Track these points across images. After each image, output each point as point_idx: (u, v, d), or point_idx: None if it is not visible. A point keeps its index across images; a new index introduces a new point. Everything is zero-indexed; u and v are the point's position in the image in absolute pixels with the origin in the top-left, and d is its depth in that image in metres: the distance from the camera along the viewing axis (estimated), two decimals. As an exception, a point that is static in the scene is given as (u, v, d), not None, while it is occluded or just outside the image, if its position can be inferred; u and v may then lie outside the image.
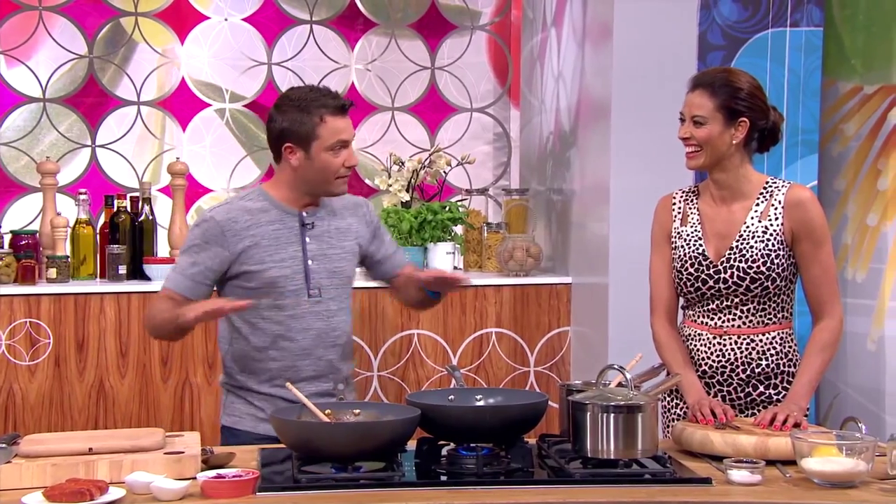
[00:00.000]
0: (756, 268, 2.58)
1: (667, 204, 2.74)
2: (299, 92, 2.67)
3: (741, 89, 2.56)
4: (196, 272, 2.64)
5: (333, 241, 2.71)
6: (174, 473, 2.12)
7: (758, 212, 2.62)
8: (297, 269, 2.66)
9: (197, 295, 2.63)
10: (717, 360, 2.64)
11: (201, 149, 4.36)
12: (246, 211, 2.67)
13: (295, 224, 2.67)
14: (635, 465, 2.22)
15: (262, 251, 2.64)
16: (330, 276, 2.69)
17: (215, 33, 4.36)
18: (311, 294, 2.66)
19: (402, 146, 4.43)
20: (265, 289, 2.64)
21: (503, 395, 2.50)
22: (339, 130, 2.61)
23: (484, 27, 4.55)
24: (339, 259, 2.71)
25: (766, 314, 2.62)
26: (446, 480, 2.19)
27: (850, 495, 2.08)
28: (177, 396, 3.74)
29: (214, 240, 2.63)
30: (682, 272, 2.65)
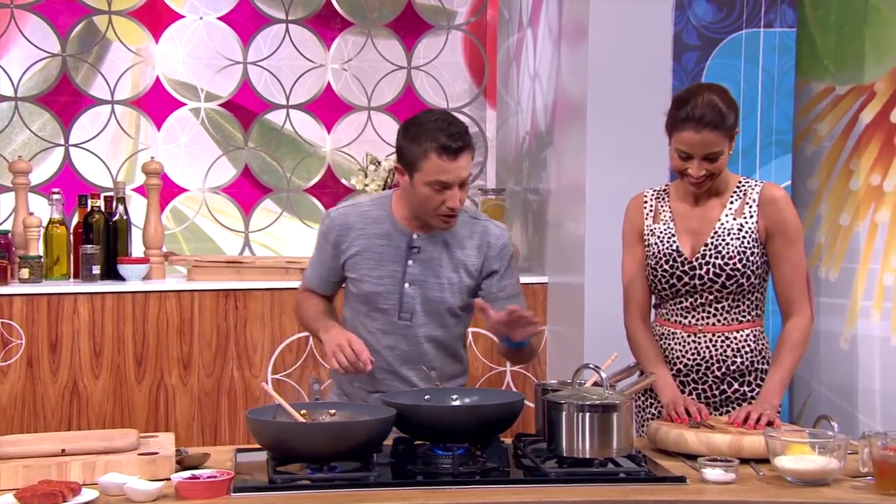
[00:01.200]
0: (732, 265, 2.59)
1: (638, 203, 2.75)
2: (424, 117, 2.58)
3: (729, 114, 2.56)
4: (322, 269, 2.74)
5: (440, 269, 2.63)
6: (148, 474, 2.11)
7: (732, 209, 2.63)
8: (392, 290, 2.63)
9: (325, 290, 2.75)
10: (691, 358, 2.65)
11: (176, 148, 4.34)
12: (363, 217, 2.66)
13: (402, 244, 2.63)
14: (610, 464, 2.23)
15: (364, 263, 2.65)
16: (426, 303, 2.63)
17: (190, 32, 4.33)
18: (402, 317, 2.63)
19: (379, 146, 4.43)
20: (362, 298, 2.67)
21: (479, 394, 2.49)
22: (440, 171, 2.50)
23: (460, 27, 4.55)
24: (440, 289, 2.63)
25: (741, 312, 2.64)
26: (422, 480, 2.18)
27: (822, 493, 2.10)
28: (151, 397, 3.72)
29: (330, 239, 2.69)
30: (657, 269, 2.66)
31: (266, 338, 3.80)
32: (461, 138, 2.51)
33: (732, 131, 2.56)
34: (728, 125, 2.54)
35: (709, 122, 2.52)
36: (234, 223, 4.41)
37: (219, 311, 3.77)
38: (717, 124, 2.52)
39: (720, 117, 2.53)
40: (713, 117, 2.52)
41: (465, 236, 2.67)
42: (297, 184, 4.45)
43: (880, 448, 2.09)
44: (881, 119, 3.60)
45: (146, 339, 3.71)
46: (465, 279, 2.66)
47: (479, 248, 2.67)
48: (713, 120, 2.52)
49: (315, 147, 4.47)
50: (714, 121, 2.52)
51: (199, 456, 2.26)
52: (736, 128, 2.58)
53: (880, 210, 3.60)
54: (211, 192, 4.37)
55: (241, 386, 3.79)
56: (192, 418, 3.75)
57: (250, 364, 3.80)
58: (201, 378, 3.76)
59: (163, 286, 3.77)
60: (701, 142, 2.53)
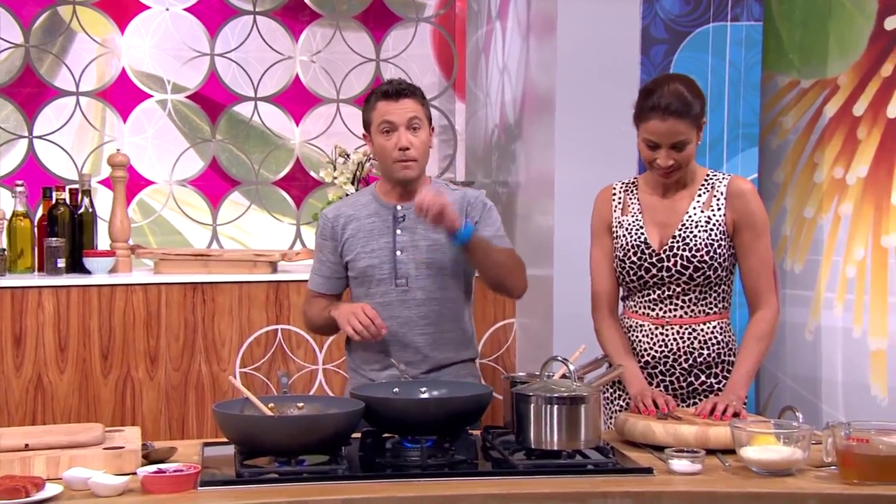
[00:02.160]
0: (700, 256, 2.61)
1: (606, 195, 2.76)
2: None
3: (695, 103, 2.57)
4: (325, 269, 2.84)
5: (426, 232, 2.74)
6: (113, 469, 2.09)
7: (700, 202, 2.64)
8: (386, 259, 2.75)
9: (331, 288, 2.85)
10: (659, 350, 2.66)
11: (143, 140, 4.30)
12: (351, 206, 2.83)
13: (389, 217, 2.78)
14: (578, 455, 2.23)
15: (357, 242, 2.78)
16: (419, 267, 2.75)
17: (156, 23, 4.29)
18: (398, 283, 2.74)
19: (348, 138, 4.41)
20: (360, 277, 2.78)
21: (447, 387, 2.49)
22: (384, 113, 2.70)
23: (429, 19, 4.54)
24: (431, 250, 2.75)
25: (708, 304, 2.65)
26: (390, 473, 2.18)
27: (787, 483, 2.11)
28: (118, 391, 3.69)
29: (328, 235, 2.82)
30: (625, 260, 2.67)
31: (234, 331, 3.78)
32: (400, 85, 2.72)
33: (699, 120, 2.58)
34: (694, 114, 2.55)
35: (674, 110, 2.53)
36: (202, 216, 4.38)
37: (186, 304, 3.74)
38: (682, 112, 2.53)
39: (686, 106, 2.54)
40: (678, 106, 2.54)
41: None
42: (266, 176, 4.43)
43: (844, 438, 2.11)
44: (844, 112, 3.63)
45: (112, 332, 3.68)
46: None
47: (459, 208, 2.77)
48: (678, 108, 2.53)
49: (283, 139, 4.44)
50: (679, 109, 2.53)
51: (166, 450, 2.24)
52: (703, 117, 2.59)
53: (843, 203, 3.63)
54: (178, 184, 4.34)
55: (208, 380, 3.76)
56: (159, 412, 3.72)
57: (218, 358, 3.78)
58: (168, 372, 3.73)
59: (129, 279, 3.74)
60: (667, 130, 2.54)
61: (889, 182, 3.52)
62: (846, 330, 3.60)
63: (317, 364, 3.84)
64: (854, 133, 3.61)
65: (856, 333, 3.60)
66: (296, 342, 3.82)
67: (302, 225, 4.43)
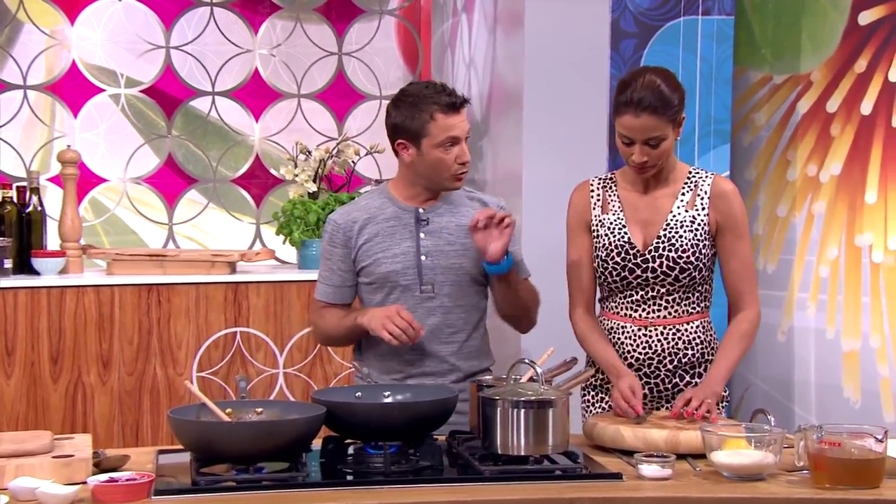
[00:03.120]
0: (686, 257, 2.62)
1: (584, 192, 2.75)
2: (415, 88, 2.72)
3: (673, 98, 2.56)
4: (335, 278, 2.77)
5: (452, 237, 2.73)
6: (63, 478, 2.07)
7: (684, 200, 2.66)
8: (410, 265, 2.70)
9: (341, 298, 2.78)
10: (643, 352, 2.67)
11: (95, 136, 4.26)
12: (364, 209, 2.76)
13: (411, 220, 2.73)
14: (546, 461, 2.25)
15: (376, 247, 2.72)
16: (445, 272, 2.71)
17: (108, 14, 4.25)
18: (424, 290, 2.70)
19: (309, 135, 4.40)
20: (378, 283, 2.72)
21: (412, 391, 2.49)
22: (448, 128, 2.64)
23: (393, 12, 4.53)
24: (456, 255, 2.72)
25: (690, 303, 2.67)
26: (352, 480, 2.18)
27: (758, 488, 2.14)
28: (68, 397, 3.66)
29: (339, 242, 2.75)
30: (608, 261, 2.67)
31: (191, 334, 3.76)
32: (458, 94, 2.69)
33: (676, 116, 2.57)
34: (670, 109, 2.54)
35: (647, 105, 2.52)
36: (157, 215, 4.35)
37: (140, 306, 3.72)
38: (656, 108, 2.53)
39: (661, 101, 2.53)
40: (652, 101, 2.52)
41: (466, 204, 2.78)
42: (224, 174, 4.40)
43: (815, 441, 2.13)
44: (817, 109, 3.68)
45: (62, 335, 3.65)
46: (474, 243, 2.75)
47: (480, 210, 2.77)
48: (652, 104, 2.52)
49: (242, 136, 4.42)
50: (654, 104, 2.52)
51: (118, 458, 2.23)
52: (681, 112, 2.59)
53: (816, 201, 3.67)
54: (132, 182, 4.30)
55: (164, 384, 3.74)
56: (112, 419, 3.69)
57: (174, 361, 3.75)
58: (122, 376, 3.71)
59: (80, 281, 3.71)
60: (640, 126, 2.54)
61: (863, 180, 3.56)
62: (819, 331, 3.65)
63: (277, 368, 3.83)
64: (827, 130, 3.65)
65: (829, 334, 3.64)
66: (255, 345, 3.81)
67: (262, 224, 4.41)
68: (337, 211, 2.82)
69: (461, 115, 2.67)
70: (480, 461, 2.23)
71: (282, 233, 4.06)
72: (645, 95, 2.53)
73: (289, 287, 3.83)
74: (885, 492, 2.11)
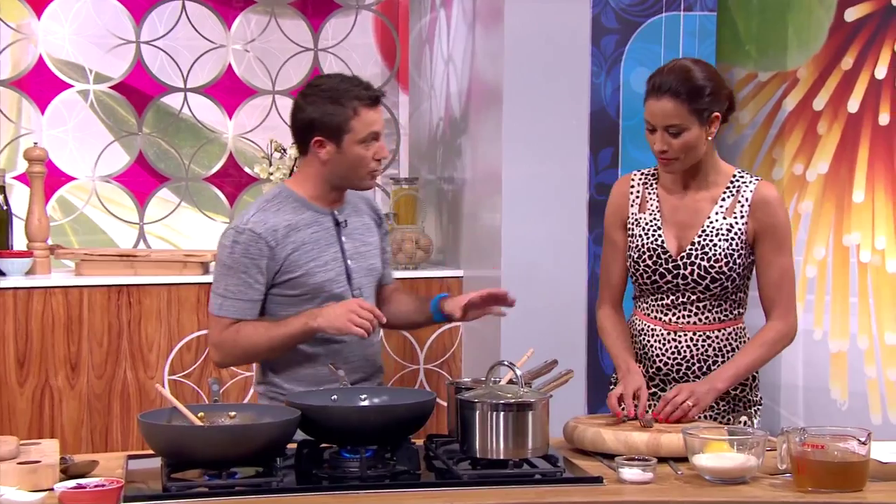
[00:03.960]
0: (718, 267, 2.60)
1: (623, 188, 2.72)
2: (330, 81, 2.64)
3: (704, 87, 2.53)
4: (252, 292, 2.61)
5: (364, 237, 2.75)
6: (29, 485, 2.07)
7: (724, 207, 2.62)
8: (340, 271, 2.68)
9: (255, 314, 2.63)
10: (672, 357, 2.67)
11: (63, 133, 4.25)
12: (279, 215, 2.64)
13: (330, 224, 2.69)
14: (526, 465, 2.25)
15: (305, 256, 2.63)
16: (367, 275, 2.74)
17: (77, 8, 4.25)
18: (355, 294, 2.68)
19: (284, 132, 4.37)
20: (310, 294, 2.63)
21: (388, 394, 2.50)
22: (371, 122, 2.61)
23: (370, 7, 4.54)
24: (371, 256, 2.76)
25: (723, 311, 2.65)
26: (328, 485, 2.18)
27: (740, 491, 2.16)
28: (35, 401, 3.65)
29: (260, 253, 2.59)
30: (639, 263, 2.66)
31: (162, 336, 3.76)
32: (375, 87, 2.66)
33: (703, 110, 2.52)
34: (695, 100, 2.51)
35: (668, 89, 2.51)
36: (128, 214, 4.34)
37: (110, 307, 3.71)
38: (678, 93, 2.50)
39: (685, 87, 2.51)
40: (675, 84, 2.51)
41: (356, 201, 2.79)
42: (197, 172, 4.40)
43: (798, 444, 2.15)
44: (804, 107, 3.71)
45: (29, 338, 3.64)
46: (377, 240, 2.80)
47: (367, 205, 2.82)
48: (674, 87, 2.50)
49: (216, 133, 4.42)
50: (676, 88, 2.50)
51: (87, 464, 2.23)
52: (713, 109, 2.53)
53: (803, 200, 3.71)
54: (102, 180, 4.30)
55: (134, 388, 3.74)
56: (81, 423, 3.68)
57: (145, 364, 3.75)
58: (91, 380, 3.70)
59: (48, 282, 3.70)
60: (660, 111, 2.52)
61: (850, 179, 3.60)
62: (806, 332, 3.68)
63: (251, 371, 3.83)
64: (814, 128, 3.69)
65: (816, 335, 3.67)
66: (228, 348, 3.80)
67: (235, 224, 4.41)
68: (249, 219, 2.61)
69: (381, 110, 2.65)
70: (458, 465, 2.24)
71: (256, 233, 4.06)
72: (669, 79, 2.52)
73: (263, 288, 3.84)
74: (869, 495, 2.13)
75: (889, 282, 3.52)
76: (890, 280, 3.52)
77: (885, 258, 3.54)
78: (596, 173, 3.61)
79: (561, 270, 2.94)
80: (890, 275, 3.52)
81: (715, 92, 2.55)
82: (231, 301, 2.62)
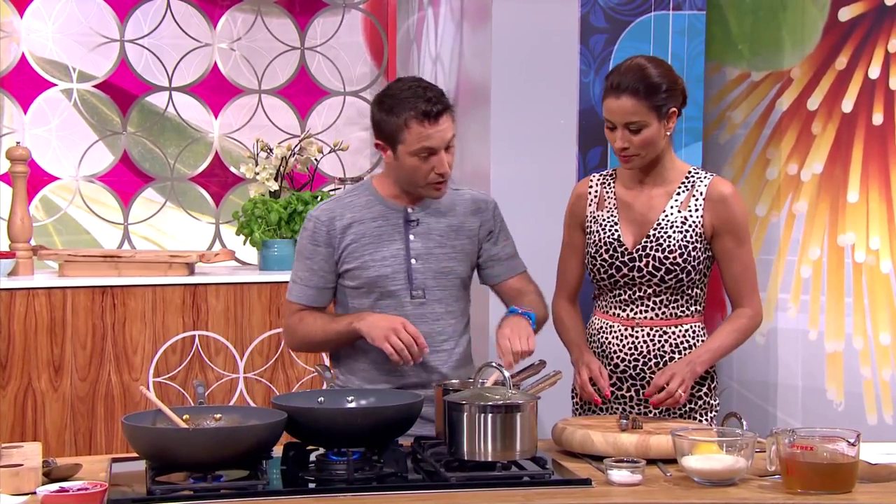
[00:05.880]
0: (672, 259, 2.67)
1: (582, 190, 2.82)
2: (396, 88, 2.64)
3: (661, 84, 2.62)
4: (316, 279, 2.70)
5: (443, 239, 2.71)
6: (11, 488, 2.08)
7: (678, 201, 2.71)
8: (399, 269, 2.67)
9: (322, 301, 2.72)
10: (629, 352, 2.73)
11: (46, 133, 4.26)
12: (349, 207, 2.70)
13: (399, 220, 2.69)
14: (514, 467, 2.28)
15: (364, 248, 2.67)
16: (436, 277, 2.69)
17: (60, 5, 4.25)
18: (414, 295, 2.67)
19: (271, 132, 4.41)
20: (366, 288, 2.67)
21: (376, 395, 2.51)
22: (423, 137, 2.57)
23: (357, 5, 4.56)
24: (447, 259, 2.70)
25: (679, 306, 2.72)
26: (315, 488, 2.19)
27: (729, 493, 2.18)
28: (17, 403, 3.65)
29: (323, 240, 2.68)
30: (597, 258, 2.74)
31: (147, 338, 3.77)
32: (439, 101, 2.59)
33: (661, 105, 2.61)
34: (653, 96, 2.60)
35: (626, 87, 2.59)
36: (112, 214, 4.35)
37: (94, 309, 3.72)
38: (637, 90, 2.59)
39: (644, 84, 2.59)
40: (633, 83, 2.59)
41: (456, 202, 2.75)
42: (182, 172, 4.41)
43: (787, 446, 2.17)
44: (798, 106, 3.74)
45: (12, 340, 3.65)
46: (468, 245, 2.75)
47: (473, 211, 2.76)
48: (632, 86, 2.59)
49: (201, 132, 4.43)
50: (634, 87, 2.59)
51: (70, 467, 2.24)
52: (670, 104, 2.63)
53: (798, 200, 3.73)
54: (86, 180, 4.31)
55: (119, 390, 3.75)
56: (64, 426, 3.69)
57: (129, 366, 3.76)
58: (74, 382, 3.71)
59: (31, 283, 3.71)
60: (619, 108, 2.60)
61: (845, 179, 3.63)
62: (802, 332, 3.71)
63: (237, 373, 3.85)
64: (809, 128, 3.72)
65: (812, 336, 3.70)
66: (214, 349, 3.82)
67: (221, 224, 4.43)
68: (318, 206, 2.74)
69: (440, 124, 2.58)
70: (446, 467, 2.26)
71: (242, 233, 4.08)
72: (625, 78, 2.60)
73: (249, 289, 3.85)
74: (858, 496, 2.15)
75: (883, 282, 3.55)
76: (884, 280, 3.55)
77: (879, 258, 3.57)
78: (584, 172, 3.63)
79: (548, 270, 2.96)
80: (884, 275, 3.55)
81: (671, 88, 2.65)
82: (298, 287, 2.73)
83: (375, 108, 2.66)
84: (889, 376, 3.54)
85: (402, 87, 2.63)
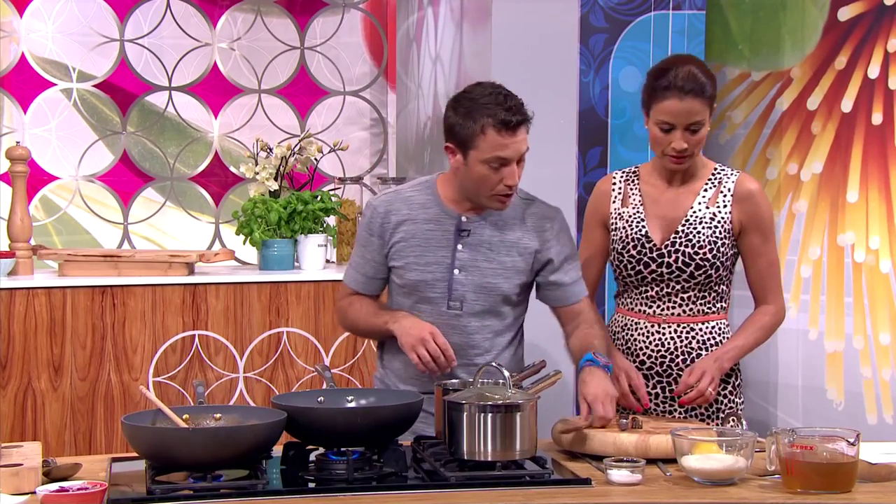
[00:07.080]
0: (702, 254, 2.69)
1: (605, 187, 2.83)
2: (476, 91, 2.58)
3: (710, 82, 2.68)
4: (368, 267, 2.71)
5: (492, 253, 2.64)
6: (11, 488, 2.08)
7: (706, 198, 2.73)
8: (441, 277, 2.63)
9: (372, 289, 2.74)
10: (655, 349, 2.74)
11: (45, 132, 4.26)
12: (408, 202, 2.67)
13: (451, 227, 2.64)
14: (514, 466, 2.28)
15: (410, 250, 2.65)
16: (477, 291, 2.63)
17: (60, 6, 4.26)
18: (451, 306, 2.63)
19: (271, 131, 4.42)
20: (407, 289, 2.67)
21: (375, 395, 2.52)
22: (498, 147, 2.51)
23: (357, 5, 4.57)
24: (493, 274, 2.63)
25: (706, 303, 2.74)
26: (314, 488, 2.20)
27: (728, 493, 2.18)
28: (17, 403, 3.66)
29: (376, 231, 2.68)
30: (623, 254, 2.74)
31: (147, 338, 3.77)
32: (519, 111, 2.54)
33: (713, 102, 2.68)
34: (709, 94, 2.66)
35: (691, 89, 2.63)
36: (112, 214, 4.36)
37: (94, 309, 3.72)
38: (699, 92, 2.63)
39: (704, 85, 2.65)
40: (695, 85, 2.64)
41: (518, 217, 2.67)
42: (182, 171, 4.42)
43: (787, 445, 2.18)
44: (798, 106, 3.74)
45: (12, 340, 3.65)
46: (520, 263, 2.66)
47: (535, 229, 2.68)
48: (695, 87, 2.64)
49: (201, 132, 4.44)
50: (696, 88, 2.63)
51: (69, 466, 2.24)
52: (715, 100, 2.69)
53: (798, 200, 3.74)
54: (85, 180, 4.31)
55: (118, 390, 3.75)
56: (64, 426, 3.70)
57: (129, 366, 3.76)
58: (74, 382, 3.71)
59: (30, 283, 3.71)
60: (685, 110, 2.63)
61: (845, 179, 3.63)
62: (802, 332, 3.71)
63: (237, 372, 3.85)
64: (808, 127, 3.72)
65: (812, 335, 3.71)
66: (214, 349, 3.82)
67: (221, 224, 4.43)
68: (379, 196, 2.73)
69: (517, 136, 2.52)
70: (446, 467, 2.26)
71: (242, 232, 4.08)
72: (689, 79, 2.64)
73: (249, 289, 3.85)
74: (858, 496, 2.16)
75: (883, 282, 3.56)
76: (884, 280, 3.55)
77: (878, 258, 3.57)
78: (584, 173, 3.64)
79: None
80: (884, 275, 3.55)
81: (714, 86, 2.70)
82: (351, 271, 2.75)
83: (451, 110, 2.58)
84: (889, 376, 3.55)
85: (483, 93, 2.56)
